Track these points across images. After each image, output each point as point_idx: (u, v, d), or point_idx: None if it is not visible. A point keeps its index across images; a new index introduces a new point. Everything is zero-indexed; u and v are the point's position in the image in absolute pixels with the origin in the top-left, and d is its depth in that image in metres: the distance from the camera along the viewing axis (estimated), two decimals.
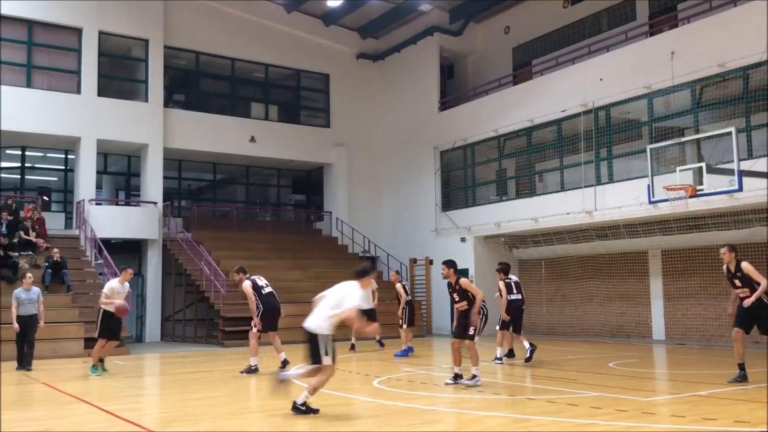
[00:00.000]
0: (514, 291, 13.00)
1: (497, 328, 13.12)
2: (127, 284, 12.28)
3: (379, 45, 27.07)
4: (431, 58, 24.79)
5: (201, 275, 20.32)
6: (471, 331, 9.79)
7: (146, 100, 22.35)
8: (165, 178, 22.77)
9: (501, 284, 13.01)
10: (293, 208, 28.19)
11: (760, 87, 15.22)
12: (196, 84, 24.67)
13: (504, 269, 13.42)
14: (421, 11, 24.10)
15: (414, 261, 24.59)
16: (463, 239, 22.72)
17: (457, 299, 10.03)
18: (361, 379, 10.57)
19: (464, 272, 22.66)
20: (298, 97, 26.73)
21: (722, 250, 9.95)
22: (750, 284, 9.66)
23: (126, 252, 21.64)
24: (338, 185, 26.22)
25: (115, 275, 18.73)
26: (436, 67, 24.73)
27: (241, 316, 19.16)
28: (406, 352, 14.79)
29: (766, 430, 6.18)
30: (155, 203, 21.96)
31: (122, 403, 9.16)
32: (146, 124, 22.15)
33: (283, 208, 28.02)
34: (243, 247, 23.00)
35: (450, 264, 10.09)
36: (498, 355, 12.98)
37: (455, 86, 26.21)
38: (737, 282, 9.79)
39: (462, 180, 23.46)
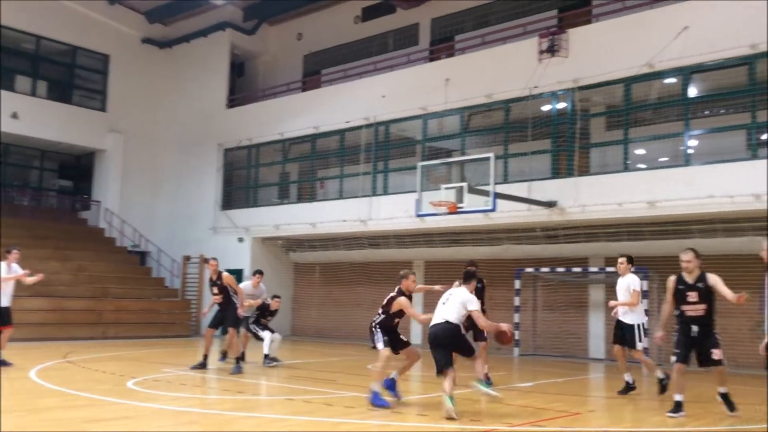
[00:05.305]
0: None
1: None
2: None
3: (167, 32, 25.95)
4: (221, 53, 24.29)
5: None
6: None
7: None
8: None
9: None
10: (57, 194, 25.95)
11: (518, 119, 16.95)
12: None
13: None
14: (214, 4, 23.51)
15: (188, 258, 23.83)
16: (240, 239, 22.48)
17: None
18: (114, 380, 10.03)
19: (239, 273, 22.55)
20: (72, 76, 24.70)
21: (686, 257, 7.91)
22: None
23: None
24: (111, 173, 24.60)
25: None
26: (226, 63, 24.30)
27: None
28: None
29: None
30: None
31: None
32: None
33: (45, 194, 25.67)
34: None
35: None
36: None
37: (244, 85, 25.92)
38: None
39: (244, 180, 23.23)
